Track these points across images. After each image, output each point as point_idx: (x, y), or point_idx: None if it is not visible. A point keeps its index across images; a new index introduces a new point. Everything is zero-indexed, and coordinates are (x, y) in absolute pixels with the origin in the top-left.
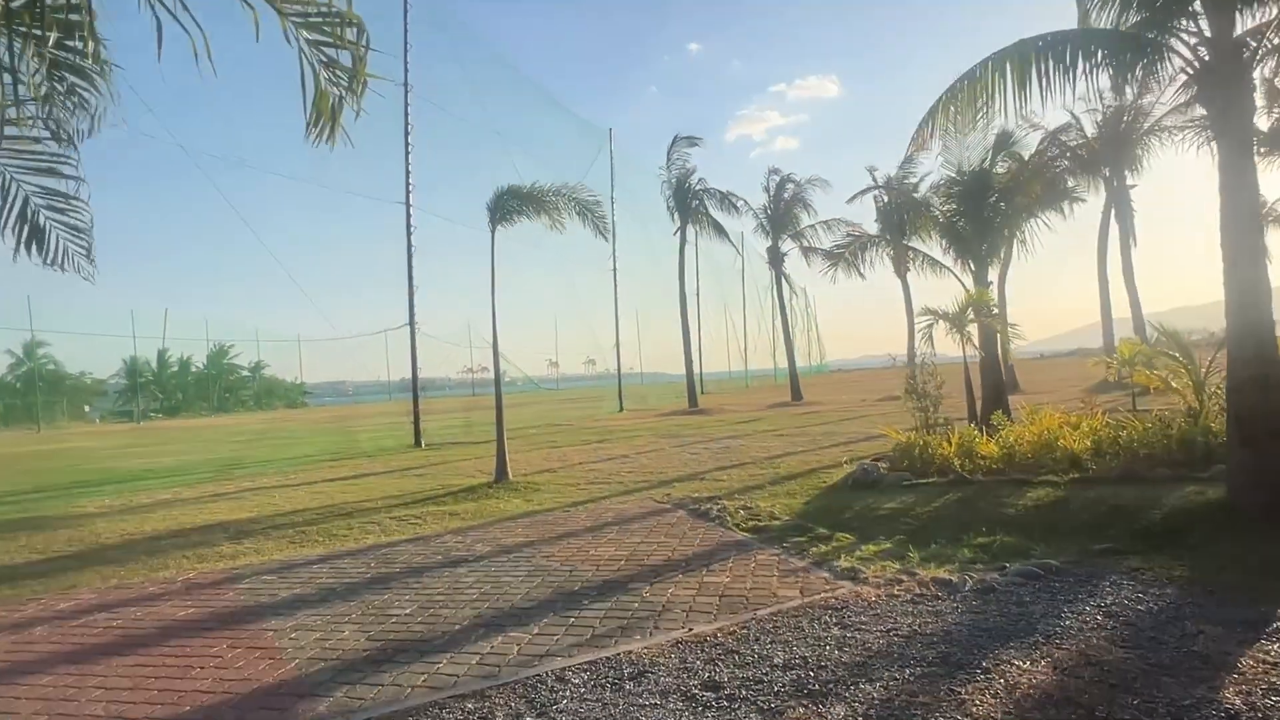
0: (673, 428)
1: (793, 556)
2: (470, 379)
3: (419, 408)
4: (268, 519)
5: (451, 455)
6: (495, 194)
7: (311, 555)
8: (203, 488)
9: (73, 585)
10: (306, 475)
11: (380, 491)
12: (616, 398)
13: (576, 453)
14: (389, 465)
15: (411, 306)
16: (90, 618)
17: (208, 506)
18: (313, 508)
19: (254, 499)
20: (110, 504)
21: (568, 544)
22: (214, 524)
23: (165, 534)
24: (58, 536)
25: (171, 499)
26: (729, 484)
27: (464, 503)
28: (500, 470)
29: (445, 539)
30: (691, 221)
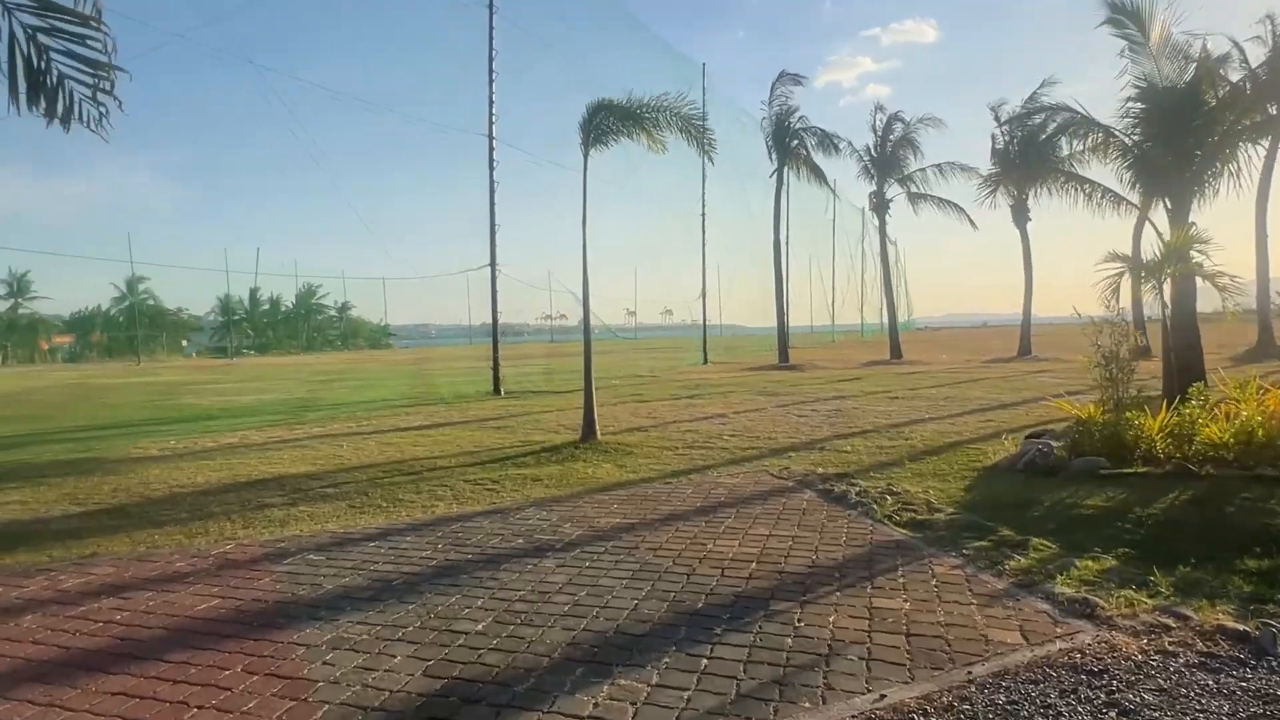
0: (767, 384)
1: (984, 571)
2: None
3: (499, 354)
4: (329, 475)
5: (532, 405)
6: (589, 110)
7: (370, 527)
8: (271, 431)
9: (93, 553)
10: (378, 422)
11: (455, 446)
12: (698, 349)
13: (667, 409)
14: (466, 414)
15: (493, 247)
16: (94, 605)
17: (270, 455)
18: (380, 462)
19: (319, 448)
20: (172, 446)
21: (677, 532)
22: (270, 478)
23: (216, 488)
24: (104, 485)
25: (236, 443)
26: (856, 458)
27: (547, 465)
28: (588, 428)
29: (526, 514)
30: (789, 163)
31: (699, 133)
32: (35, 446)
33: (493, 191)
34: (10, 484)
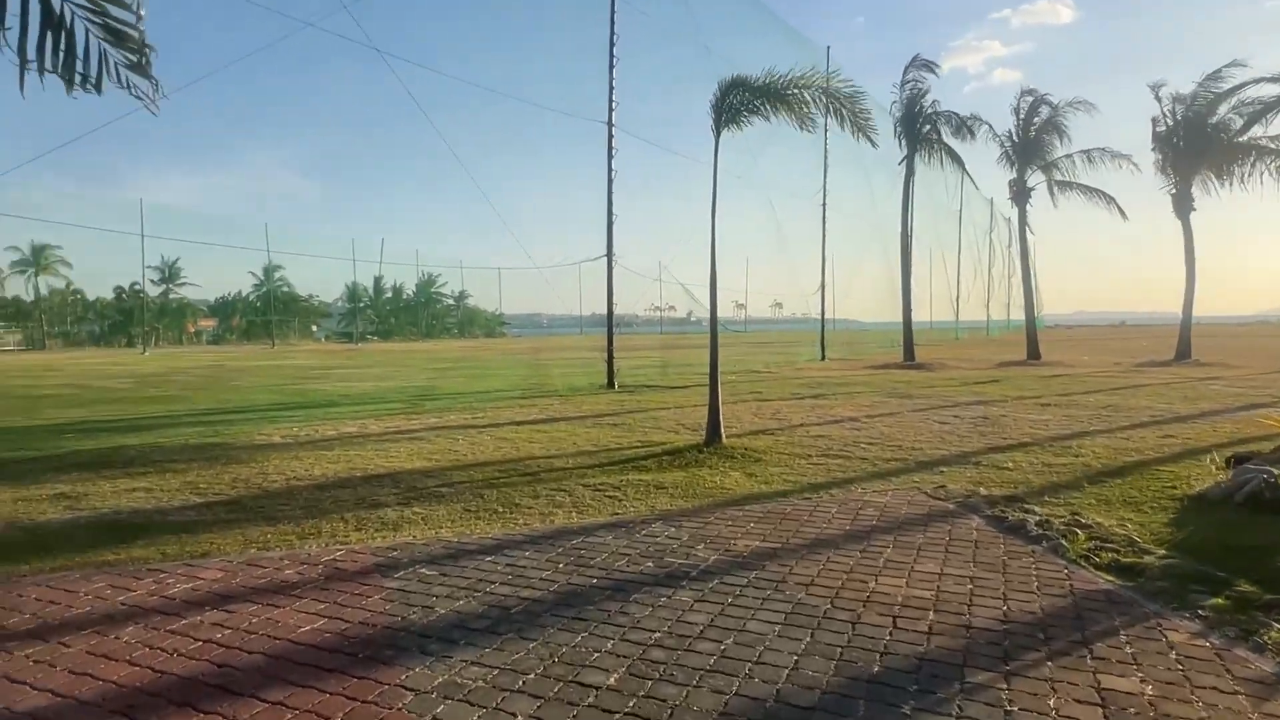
0: (895, 384)
1: (1236, 644)
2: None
3: (614, 345)
4: (444, 472)
5: (648, 401)
6: (721, 88)
7: (485, 537)
8: (390, 421)
9: (205, 552)
10: (494, 414)
11: (572, 444)
12: (814, 344)
13: (791, 409)
14: (581, 409)
15: (610, 237)
16: (196, 619)
17: (387, 448)
18: (496, 460)
19: (436, 442)
20: (295, 434)
21: (829, 563)
22: (386, 474)
23: (331, 482)
24: (225, 474)
25: (355, 433)
26: (1022, 476)
27: (671, 470)
28: (713, 430)
29: (654, 529)
30: (919, 150)
31: (851, 109)
32: (169, 429)
33: (610, 180)
34: (140, 469)
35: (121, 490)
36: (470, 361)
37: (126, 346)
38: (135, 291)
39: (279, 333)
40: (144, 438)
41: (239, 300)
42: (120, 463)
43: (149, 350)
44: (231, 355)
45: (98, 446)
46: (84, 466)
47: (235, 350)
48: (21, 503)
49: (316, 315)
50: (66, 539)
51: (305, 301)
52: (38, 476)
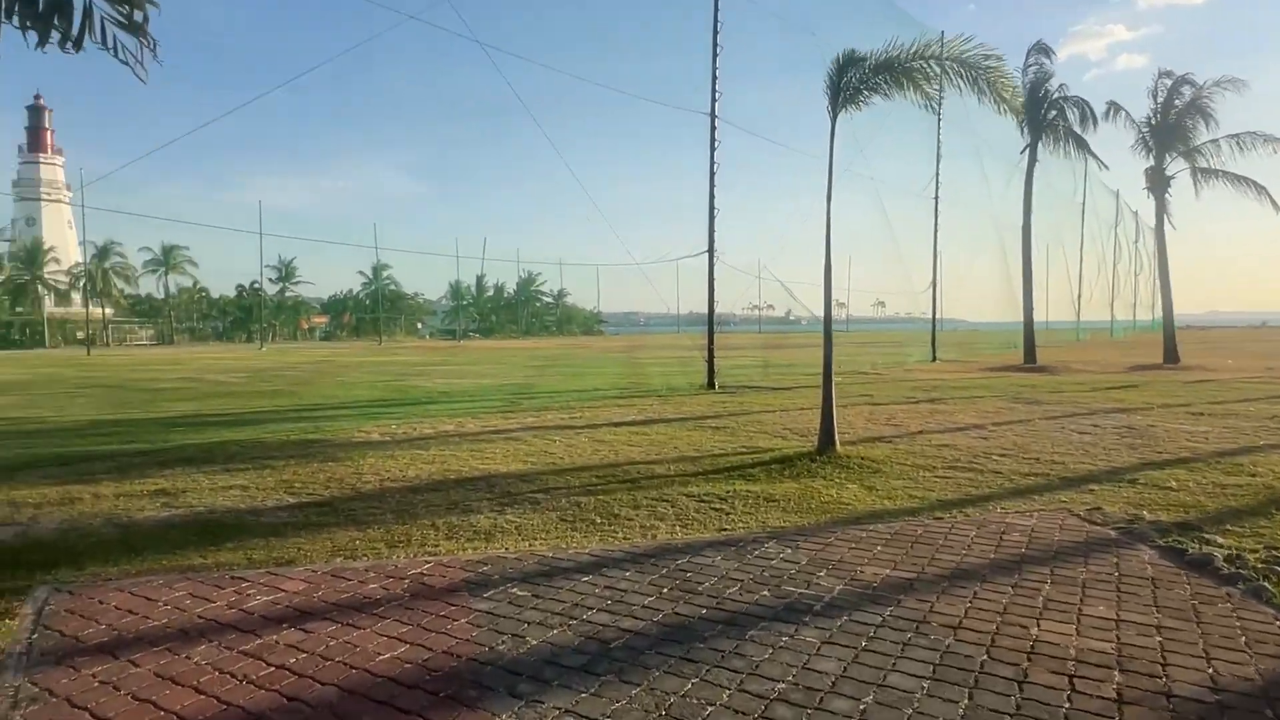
0: (1019, 389)
1: None
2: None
3: (714, 344)
4: (540, 477)
5: (750, 403)
6: (837, 64)
7: (582, 553)
8: (487, 419)
9: (291, 558)
10: (591, 414)
11: (673, 448)
12: (922, 345)
13: (907, 414)
14: (680, 410)
15: (711, 233)
16: (272, 638)
17: (482, 448)
18: (593, 464)
19: (532, 442)
20: (392, 431)
21: (976, 600)
22: (480, 476)
23: (425, 485)
24: (320, 473)
25: (452, 432)
26: (1192, 499)
27: (781, 481)
28: (826, 437)
29: (767, 550)
30: (1044, 138)
31: (993, 79)
32: (273, 424)
33: (713, 174)
34: (240, 465)
35: (219, 487)
36: (567, 359)
37: (246, 342)
38: (254, 290)
39: (386, 329)
40: (248, 433)
41: (349, 298)
42: (222, 458)
43: (265, 346)
44: (341, 351)
45: (203, 441)
46: (187, 461)
47: (344, 346)
48: (122, 498)
49: (421, 313)
50: (158, 539)
51: (411, 299)
52: (143, 471)
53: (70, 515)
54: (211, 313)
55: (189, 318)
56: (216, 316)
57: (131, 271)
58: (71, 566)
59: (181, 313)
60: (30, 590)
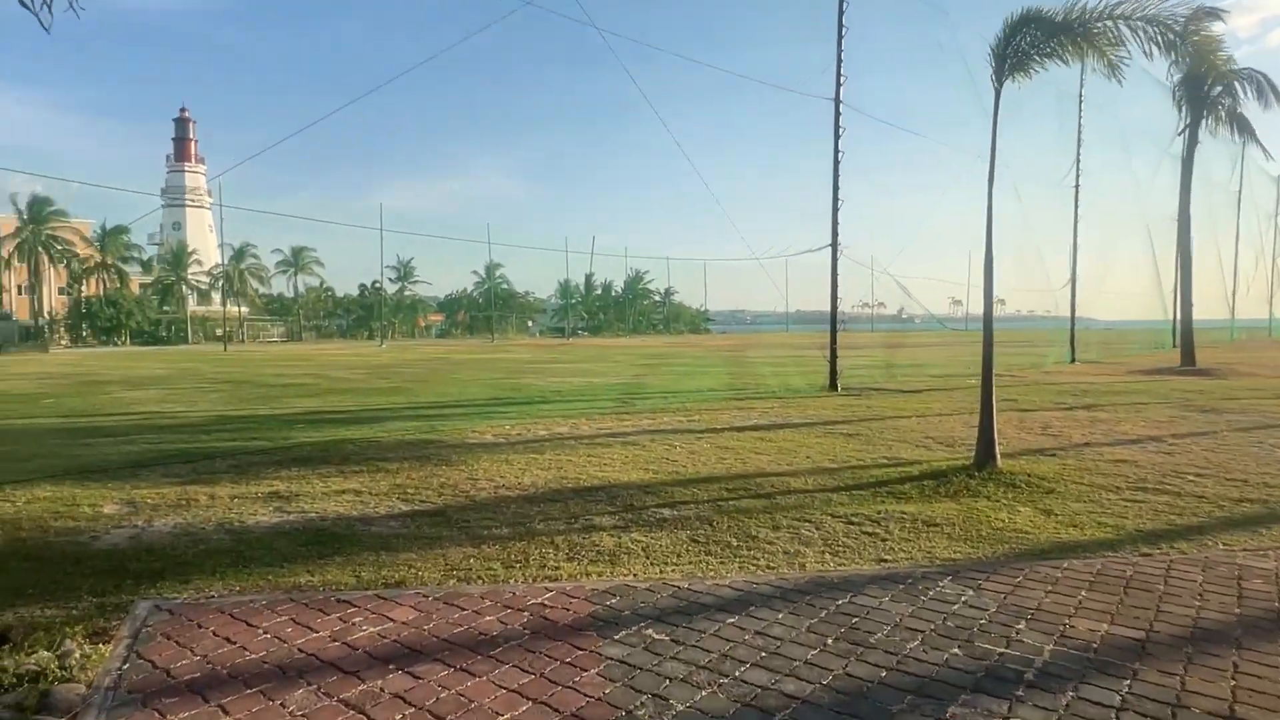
0: (1184, 394)
1: None
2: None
3: (836, 343)
4: (664, 488)
5: (880, 407)
6: (1007, 27)
7: (722, 584)
8: (601, 421)
9: (402, 579)
10: (710, 416)
11: (805, 457)
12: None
13: (1064, 423)
14: (805, 414)
15: (835, 225)
16: (375, 684)
17: (599, 453)
18: (720, 474)
19: (650, 447)
20: (507, 432)
21: (1241, 675)
22: (599, 486)
23: (541, 494)
24: (434, 477)
25: (567, 434)
26: None
27: (938, 500)
28: (985, 449)
29: (943, 589)
30: (1206, 118)
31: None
32: (389, 423)
33: (837, 162)
34: (354, 467)
35: (332, 491)
36: (677, 357)
37: (367, 339)
38: (375, 289)
39: (498, 327)
40: (364, 432)
41: (464, 297)
42: (337, 459)
43: (385, 343)
44: (455, 348)
45: (321, 439)
46: (303, 461)
47: (459, 343)
48: (237, 500)
49: (532, 311)
50: (267, 548)
51: (522, 298)
52: (260, 471)
53: (184, 520)
54: (336, 311)
55: (315, 315)
56: (340, 314)
57: (264, 272)
58: (177, 579)
59: (309, 310)
60: (132, 607)
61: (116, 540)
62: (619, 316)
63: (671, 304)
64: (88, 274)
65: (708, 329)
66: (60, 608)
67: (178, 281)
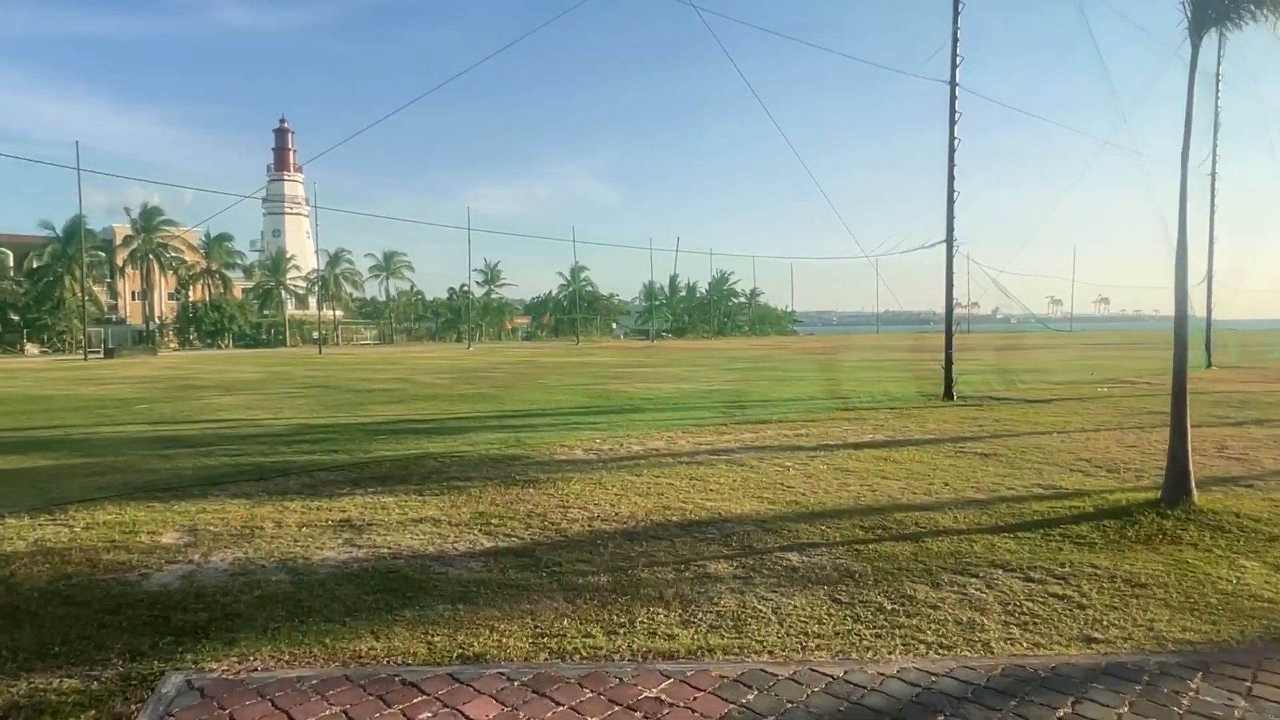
0: None
1: None
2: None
3: (953, 349)
4: (784, 523)
5: (1009, 420)
6: None
7: (888, 674)
8: (699, 435)
9: (482, 651)
10: (819, 430)
11: (942, 483)
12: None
13: (1243, 442)
14: (926, 428)
15: (950, 219)
16: None
17: (704, 475)
18: (847, 506)
19: (760, 468)
20: (598, 447)
21: None
22: (708, 520)
23: (644, 528)
24: (520, 503)
25: (664, 449)
26: None
27: (1131, 549)
28: (1178, 480)
29: (1197, 694)
30: None
31: None
32: (474, 434)
33: (952, 150)
34: (434, 488)
35: (408, 519)
36: (769, 361)
37: (455, 341)
38: (463, 292)
39: (582, 329)
40: (448, 444)
41: (549, 300)
42: (417, 477)
43: (472, 345)
44: (541, 351)
45: (402, 453)
46: (381, 480)
47: (544, 346)
48: (305, 529)
49: (616, 313)
50: (330, 595)
51: (606, 300)
52: (334, 491)
53: (244, 555)
54: (425, 314)
55: (406, 318)
56: (429, 317)
57: (358, 277)
58: (223, 638)
59: (399, 314)
60: (160, 682)
61: (167, 579)
62: (704, 318)
63: (757, 305)
64: (194, 280)
65: (794, 330)
66: (83, 676)
67: (277, 286)
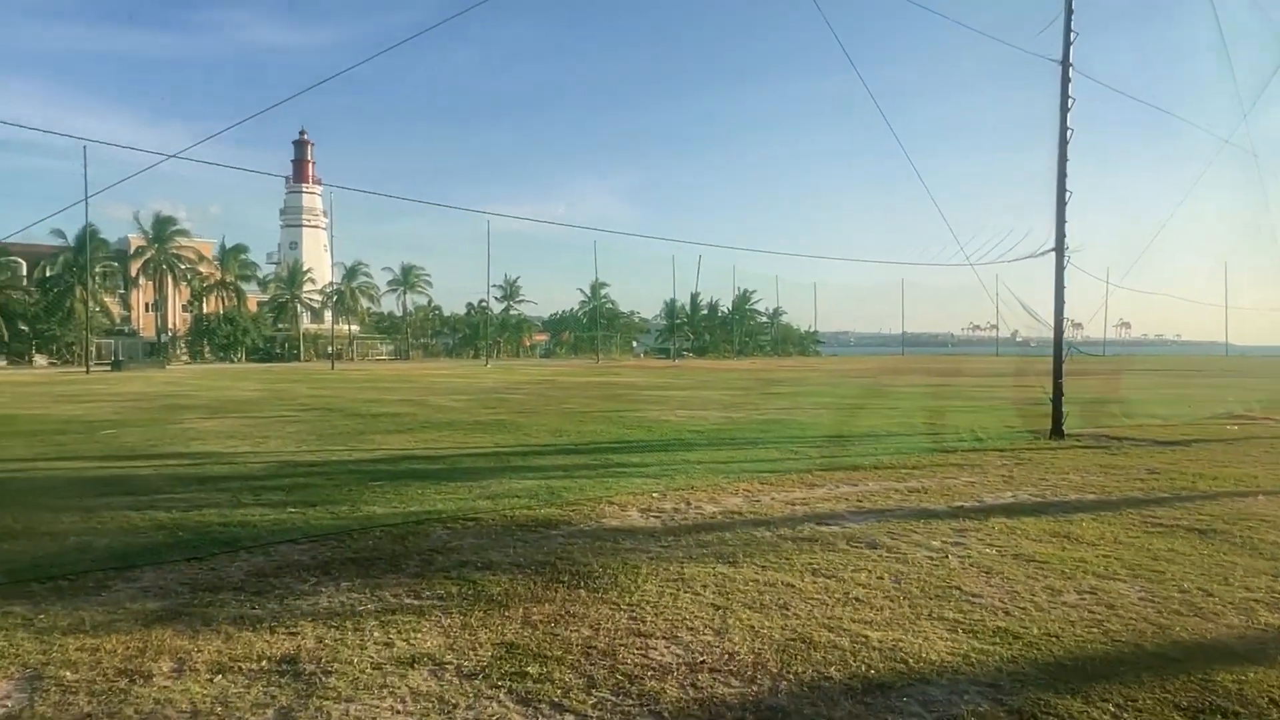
0: None
1: None
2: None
3: (1062, 375)
4: (1024, 681)
5: (1164, 468)
6: None
7: None
8: (785, 488)
9: None
10: (936, 485)
11: (1199, 590)
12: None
13: None
14: (1070, 480)
15: (1060, 223)
16: None
17: (829, 565)
18: (1098, 641)
19: (905, 554)
20: (659, 506)
21: None
22: (895, 679)
23: (786, 694)
24: (568, 631)
25: (749, 512)
26: None
27: None
28: None
29: None
30: None
31: None
32: (495, 478)
33: (1064, 142)
34: (441, 578)
35: (391, 663)
36: (808, 385)
37: (473, 358)
38: (482, 307)
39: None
40: (461, 498)
41: (568, 316)
42: (415, 561)
43: (490, 362)
44: (561, 369)
45: (399, 512)
46: (364, 564)
47: (564, 364)
48: (218, 682)
49: (636, 331)
50: None
51: (626, 318)
52: (291, 585)
53: None
54: (443, 329)
55: (423, 333)
56: (447, 333)
57: (375, 290)
58: None
59: (416, 329)
60: None
61: None
62: (725, 338)
63: (779, 325)
64: (208, 292)
65: (817, 351)
66: None
67: (292, 300)
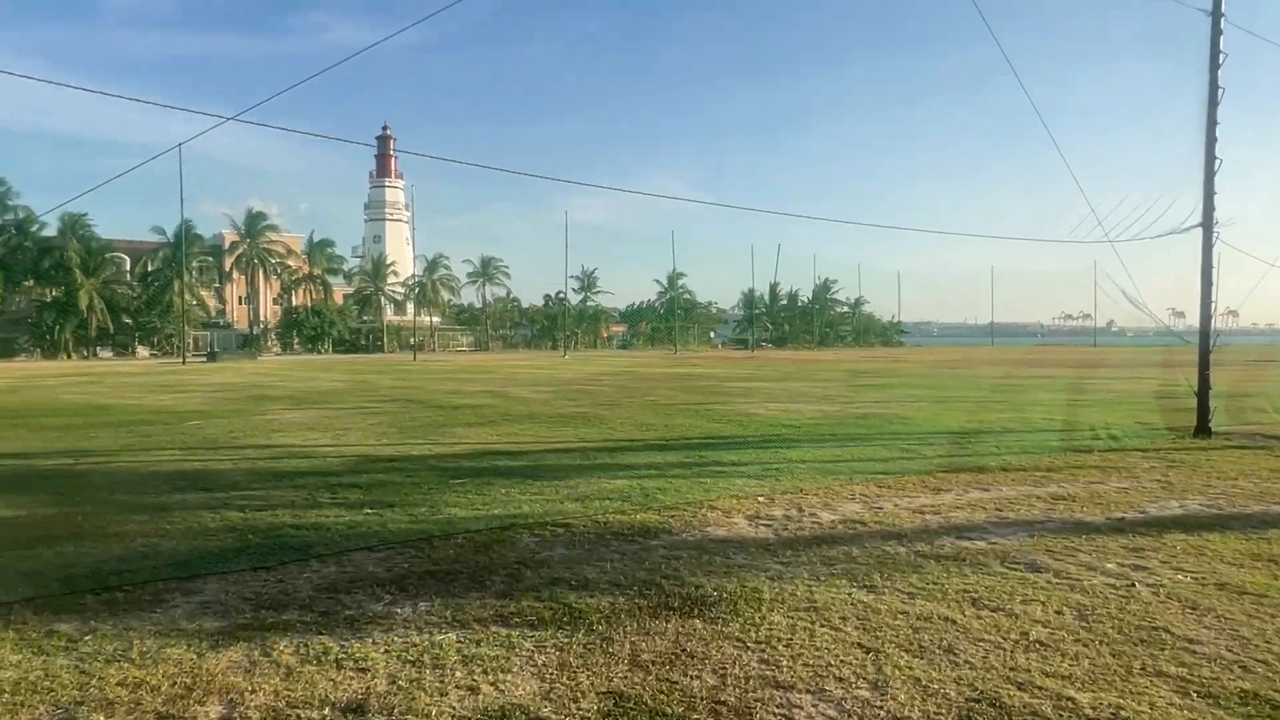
0: None
1: None
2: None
3: (1208, 367)
4: None
5: None
6: None
7: None
8: (907, 492)
9: None
10: (1082, 491)
11: None
12: None
13: None
14: (1240, 487)
15: (1208, 195)
16: None
17: (989, 594)
18: None
19: (1077, 580)
20: (769, 513)
21: None
22: None
23: None
24: (686, 679)
25: (869, 520)
26: None
27: None
28: None
29: None
30: None
31: None
32: (583, 478)
33: (1214, 104)
34: (529, 605)
35: (485, 705)
36: (899, 376)
37: (551, 349)
38: (560, 299)
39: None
40: (547, 499)
41: (645, 308)
42: (502, 575)
43: (568, 353)
44: (639, 360)
45: (484, 515)
46: (446, 579)
47: (641, 355)
48: None
49: (714, 321)
50: None
51: (704, 309)
52: (364, 604)
53: None
54: (521, 321)
55: (502, 325)
56: (525, 324)
57: (455, 283)
58: None
59: (495, 320)
60: None
61: None
62: (805, 328)
63: (860, 315)
64: (296, 285)
65: (900, 342)
66: None
67: (375, 292)
